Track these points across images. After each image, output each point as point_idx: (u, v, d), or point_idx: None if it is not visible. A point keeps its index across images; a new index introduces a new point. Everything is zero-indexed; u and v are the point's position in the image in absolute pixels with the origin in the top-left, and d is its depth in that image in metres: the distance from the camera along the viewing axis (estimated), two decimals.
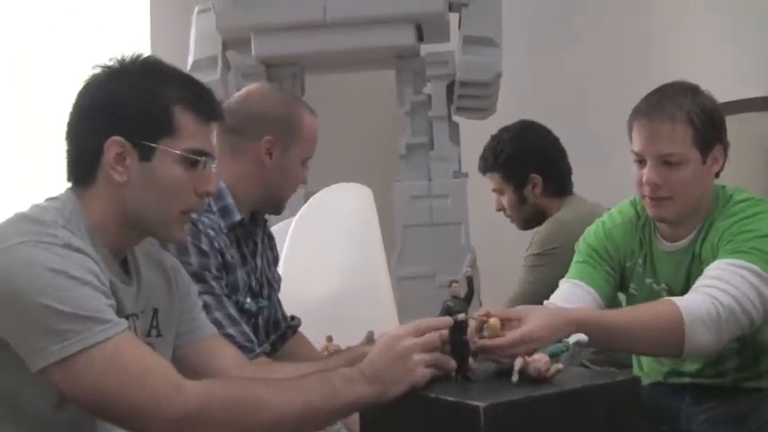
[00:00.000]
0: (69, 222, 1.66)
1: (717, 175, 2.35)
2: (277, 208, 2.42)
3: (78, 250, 1.60)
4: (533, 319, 1.91)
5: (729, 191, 2.36)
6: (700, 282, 2.18)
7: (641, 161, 2.31)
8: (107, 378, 1.55)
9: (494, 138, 3.44)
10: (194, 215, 1.86)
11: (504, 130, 3.44)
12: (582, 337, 1.86)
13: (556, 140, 3.41)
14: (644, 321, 2.11)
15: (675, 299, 2.16)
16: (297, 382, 1.70)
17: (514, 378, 1.74)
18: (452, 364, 1.73)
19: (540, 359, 1.75)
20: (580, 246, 2.52)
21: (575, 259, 2.50)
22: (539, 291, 2.75)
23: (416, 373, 1.68)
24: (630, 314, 2.16)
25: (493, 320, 1.87)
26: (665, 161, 2.27)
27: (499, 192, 3.42)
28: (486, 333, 1.87)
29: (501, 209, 3.45)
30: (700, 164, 2.28)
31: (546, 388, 1.70)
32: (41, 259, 1.56)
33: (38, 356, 1.54)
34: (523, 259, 3.24)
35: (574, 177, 3.45)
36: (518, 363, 1.75)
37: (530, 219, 3.38)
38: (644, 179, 2.29)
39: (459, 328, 1.76)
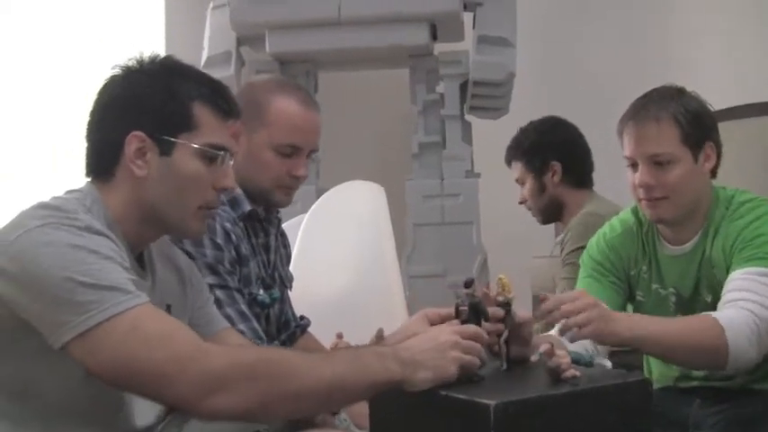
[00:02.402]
0: (90, 211, 1.68)
1: (713, 173, 2.36)
2: (264, 199, 2.34)
3: (99, 233, 1.63)
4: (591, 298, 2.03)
5: (730, 191, 2.37)
6: (727, 295, 2.18)
7: (633, 165, 2.33)
8: (130, 345, 1.55)
9: (521, 129, 3.51)
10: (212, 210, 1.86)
11: (531, 122, 3.52)
12: (607, 363, 1.87)
13: (581, 137, 3.46)
14: (688, 336, 2.12)
15: (715, 314, 2.16)
16: (327, 355, 1.72)
17: (534, 358, 1.76)
18: (476, 367, 1.74)
19: (563, 356, 1.76)
20: (584, 260, 2.53)
21: (580, 275, 2.52)
22: None
23: (448, 369, 1.69)
24: (674, 328, 2.15)
25: (503, 276, 1.90)
26: (655, 162, 2.29)
27: (521, 182, 3.47)
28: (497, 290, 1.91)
29: (523, 201, 3.49)
30: (691, 162, 2.29)
31: (557, 387, 1.70)
32: (63, 237, 1.58)
33: (62, 330, 1.55)
34: (561, 257, 3.23)
35: None
36: (544, 347, 1.76)
37: (548, 209, 3.43)
38: (637, 181, 2.31)
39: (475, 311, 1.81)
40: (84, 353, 1.55)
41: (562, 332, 2.00)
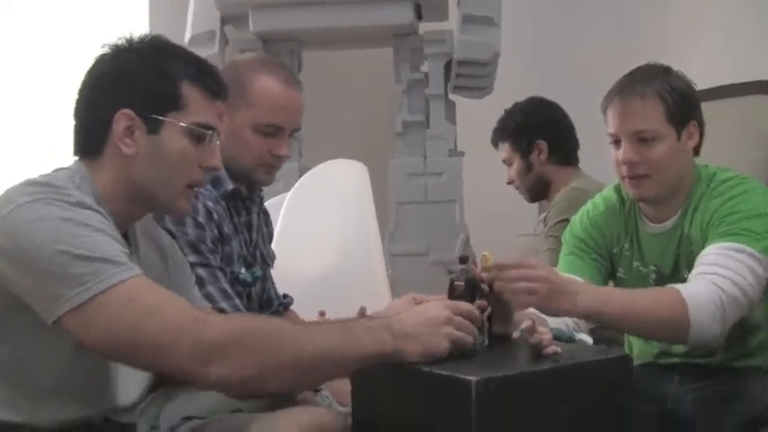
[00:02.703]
0: (80, 188, 1.69)
1: (696, 152, 2.37)
2: (246, 178, 2.33)
3: (90, 207, 1.63)
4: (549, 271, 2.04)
5: (712, 169, 2.37)
6: (698, 268, 2.19)
7: (617, 142, 2.34)
8: (126, 316, 1.55)
9: (507, 111, 3.57)
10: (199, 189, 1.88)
11: (517, 104, 3.58)
12: (587, 339, 1.88)
13: (565, 116, 3.54)
14: (649, 309, 2.12)
15: (679, 286, 2.16)
16: (319, 325, 1.75)
17: (516, 334, 1.77)
18: (469, 343, 1.74)
19: (545, 332, 1.77)
20: (566, 237, 2.53)
21: (562, 252, 2.52)
22: None
23: (440, 344, 1.70)
24: (634, 301, 2.15)
25: (487, 254, 1.93)
26: (639, 138, 2.29)
27: (508, 162, 3.54)
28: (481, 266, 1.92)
29: (510, 181, 3.55)
30: (675, 140, 2.30)
31: (539, 364, 1.72)
32: (55, 212, 1.59)
33: (56, 304, 1.55)
34: (544, 231, 3.26)
35: None
36: (526, 323, 1.77)
37: (535, 187, 3.50)
38: (620, 158, 2.32)
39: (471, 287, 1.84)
40: (79, 326, 1.56)
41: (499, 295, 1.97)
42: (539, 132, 3.46)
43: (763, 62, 4.21)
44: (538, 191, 3.52)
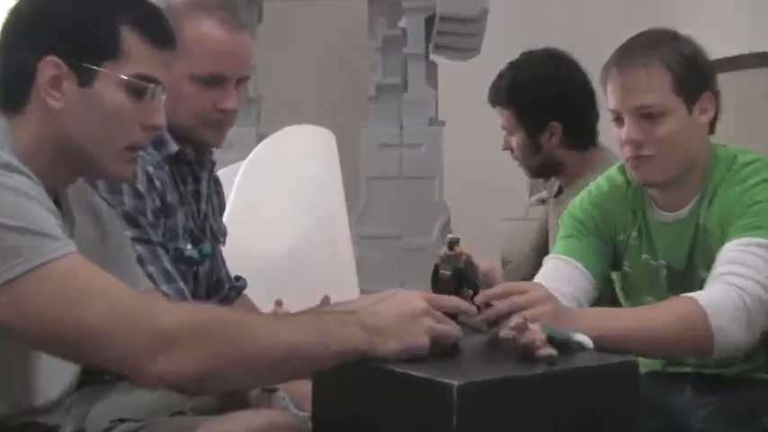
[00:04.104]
0: (1, 146, 1.65)
1: (711, 129, 2.34)
2: (191, 139, 2.30)
3: (19, 170, 1.60)
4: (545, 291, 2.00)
5: (731, 150, 2.35)
6: (716, 269, 2.17)
7: (619, 119, 2.30)
8: (62, 297, 1.53)
9: (512, 65, 3.26)
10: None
11: (528, 56, 3.26)
12: (587, 341, 1.84)
13: (585, 79, 3.22)
14: (664, 330, 2.09)
15: (695, 294, 2.14)
16: (287, 317, 1.74)
17: (504, 333, 1.74)
18: (453, 338, 1.73)
19: (537, 331, 1.74)
20: (565, 220, 2.50)
21: (560, 235, 2.48)
22: None
23: (420, 339, 1.68)
24: (644, 321, 2.12)
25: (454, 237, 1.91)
26: (642, 114, 2.26)
27: (508, 131, 3.25)
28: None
29: (508, 148, 3.28)
30: (685, 115, 2.27)
31: (530, 368, 1.69)
32: None
33: None
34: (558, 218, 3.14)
35: None
36: (516, 319, 1.74)
37: (543, 168, 3.25)
38: (623, 137, 2.28)
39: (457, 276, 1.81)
40: (6, 303, 1.53)
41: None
42: (552, 111, 3.15)
43: None
44: (544, 171, 3.27)
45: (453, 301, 1.78)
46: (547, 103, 3.14)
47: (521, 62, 3.24)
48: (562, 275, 2.35)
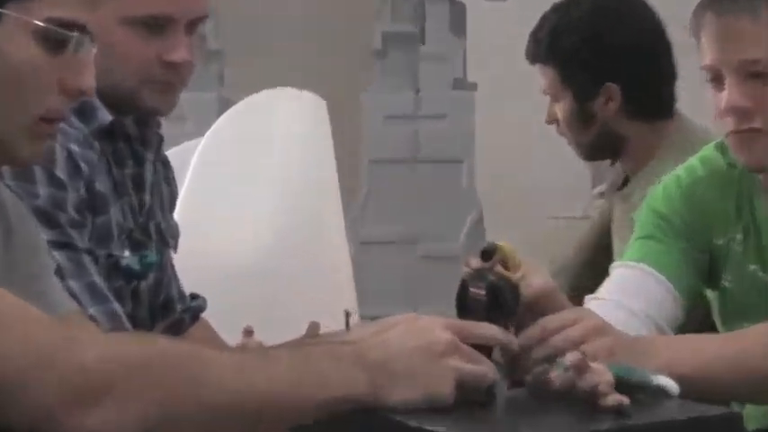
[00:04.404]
0: None
1: None
2: (130, 106, 2.30)
3: None
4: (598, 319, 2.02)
5: None
6: None
7: (716, 78, 2.31)
8: None
9: (556, 8, 3.29)
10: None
11: None
12: (671, 385, 1.83)
13: (656, 24, 3.27)
14: (755, 365, 2.10)
15: None
16: (260, 352, 1.77)
17: (555, 374, 1.73)
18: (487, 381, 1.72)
19: (601, 371, 1.73)
20: (642, 216, 2.52)
21: (635, 235, 2.50)
22: None
23: (443, 384, 1.66)
24: (751, 349, 2.12)
25: (504, 245, 1.95)
26: (750, 73, 2.27)
27: (553, 96, 3.29)
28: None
29: (553, 121, 3.32)
30: None
31: (593, 422, 1.68)
32: None
33: None
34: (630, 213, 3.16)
35: None
36: (572, 356, 1.73)
37: (596, 146, 3.28)
38: (723, 104, 2.29)
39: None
40: None
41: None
42: (608, 69, 3.19)
43: None
44: (600, 148, 3.29)
45: (488, 331, 1.77)
46: (600, 57, 3.18)
47: (566, 4, 3.26)
48: (629, 286, 2.37)
